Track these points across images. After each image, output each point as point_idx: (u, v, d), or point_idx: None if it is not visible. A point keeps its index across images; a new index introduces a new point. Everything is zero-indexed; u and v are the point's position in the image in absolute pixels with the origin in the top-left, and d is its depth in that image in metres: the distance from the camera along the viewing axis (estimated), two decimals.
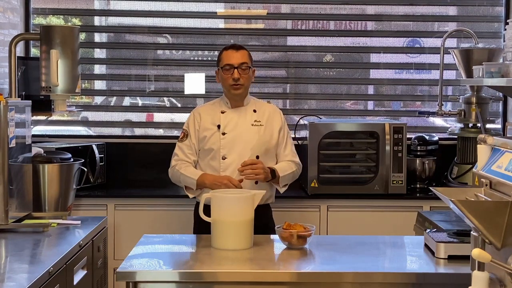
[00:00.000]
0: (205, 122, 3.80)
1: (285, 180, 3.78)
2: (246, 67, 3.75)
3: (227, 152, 3.74)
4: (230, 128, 3.76)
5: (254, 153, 3.73)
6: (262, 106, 3.88)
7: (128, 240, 4.17)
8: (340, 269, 2.86)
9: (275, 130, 3.82)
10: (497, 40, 5.26)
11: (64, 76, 3.60)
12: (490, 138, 2.40)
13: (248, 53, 3.82)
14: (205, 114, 3.83)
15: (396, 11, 5.37)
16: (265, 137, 3.78)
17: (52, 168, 3.86)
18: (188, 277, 2.82)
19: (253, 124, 3.79)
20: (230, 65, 3.72)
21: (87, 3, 5.38)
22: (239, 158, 3.69)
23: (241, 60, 3.73)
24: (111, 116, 5.36)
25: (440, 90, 4.91)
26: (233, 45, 3.82)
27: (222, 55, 3.78)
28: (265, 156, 3.76)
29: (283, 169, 3.76)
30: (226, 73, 3.73)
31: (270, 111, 3.86)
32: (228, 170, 3.71)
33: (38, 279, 2.58)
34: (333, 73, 5.46)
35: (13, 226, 3.38)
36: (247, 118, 3.80)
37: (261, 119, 3.81)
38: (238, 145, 3.73)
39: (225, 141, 3.74)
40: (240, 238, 3.12)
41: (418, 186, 4.93)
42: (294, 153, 3.89)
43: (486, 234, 2.11)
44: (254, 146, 3.75)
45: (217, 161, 3.74)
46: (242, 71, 3.72)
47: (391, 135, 4.69)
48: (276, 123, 3.84)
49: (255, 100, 3.92)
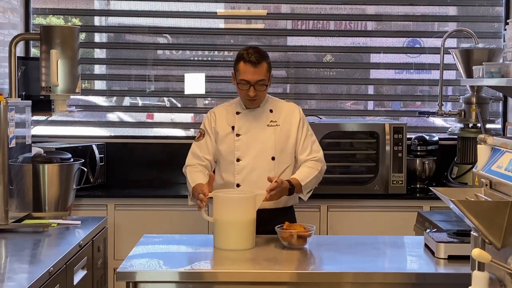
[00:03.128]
0: (220, 123, 3.66)
1: (308, 187, 3.56)
2: (263, 84, 3.52)
3: (241, 154, 3.59)
4: (245, 130, 3.62)
5: (269, 155, 3.59)
6: (280, 105, 3.69)
7: (128, 240, 4.16)
8: (340, 269, 2.86)
9: (292, 129, 3.63)
10: (497, 40, 5.26)
11: (64, 76, 3.61)
12: (490, 138, 2.40)
13: (267, 65, 3.53)
14: (220, 114, 3.69)
15: (396, 11, 5.37)
16: (281, 137, 3.61)
17: (52, 168, 3.86)
18: (188, 277, 2.82)
19: (269, 124, 3.63)
20: (247, 82, 3.51)
21: (87, 3, 5.38)
22: (254, 161, 3.58)
23: (258, 78, 3.49)
24: (111, 116, 5.36)
25: (440, 90, 4.91)
26: (251, 58, 3.48)
27: (239, 66, 3.52)
28: (281, 157, 3.59)
29: (305, 176, 3.53)
30: (241, 87, 3.53)
31: (287, 110, 3.67)
32: (243, 173, 3.58)
33: (38, 279, 2.58)
34: (333, 73, 5.46)
35: (13, 226, 3.38)
36: (262, 119, 3.63)
37: (277, 119, 3.63)
38: (253, 147, 3.59)
39: (239, 143, 3.60)
40: (242, 238, 3.12)
41: (418, 186, 4.93)
42: (314, 150, 3.64)
43: (486, 234, 2.11)
44: (270, 148, 3.60)
45: (231, 163, 3.61)
46: (259, 87, 3.51)
47: (391, 135, 4.69)
48: (294, 121, 3.64)
49: (273, 99, 3.72)
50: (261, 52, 3.54)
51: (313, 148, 3.65)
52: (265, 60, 3.52)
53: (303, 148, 3.63)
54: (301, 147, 3.63)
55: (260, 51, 3.55)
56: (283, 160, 3.58)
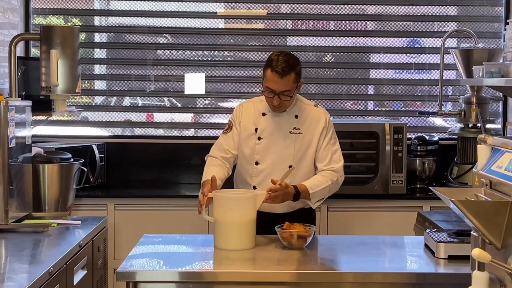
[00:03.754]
0: (245, 120, 3.60)
1: (318, 196, 3.47)
2: (288, 95, 3.43)
3: (260, 158, 3.54)
4: (267, 134, 3.55)
5: (287, 163, 3.50)
6: (307, 111, 3.58)
7: (128, 240, 4.17)
8: (340, 269, 2.87)
9: (314, 138, 3.54)
10: (497, 40, 5.26)
11: (64, 76, 3.60)
12: (490, 138, 2.40)
13: (295, 75, 3.42)
14: (247, 111, 3.61)
15: (396, 11, 5.37)
16: (301, 146, 3.52)
17: (52, 168, 3.86)
18: (188, 277, 2.82)
19: (292, 131, 3.53)
20: (272, 91, 3.42)
21: (87, 3, 5.38)
22: (272, 167, 3.52)
23: (283, 89, 3.40)
24: (111, 116, 5.36)
25: (440, 90, 4.91)
26: (278, 69, 3.37)
27: (266, 73, 3.42)
28: (300, 166, 3.51)
29: (315, 185, 3.45)
30: (267, 94, 3.46)
31: (313, 117, 3.56)
32: (260, 176, 3.54)
33: (38, 279, 2.58)
34: (333, 73, 5.46)
35: (13, 226, 3.38)
36: (286, 125, 3.54)
37: (301, 127, 3.53)
38: (272, 153, 3.53)
39: (259, 147, 3.54)
40: (242, 238, 3.12)
41: (418, 186, 4.93)
42: (334, 160, 3.54)
43: (486, 234, 2.11)
44: (288, 156, 3.52)
45: (250, 165, 3.56)
46: (284, 97, 3.43)
47: (391, 135, 4.69)
48: (317, 130, 3.54)
49: (302, 101, 3.60)
50: (290, 62, 3.42)
51: (333, 158, 3.55)
52: (293, 70, 3.41)
53: (322, 157, 3.54)
54: (320, 155, 3.55)
55: (289, 60, 3.42)
56: (301, 168, 3.53)
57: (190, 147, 5.19)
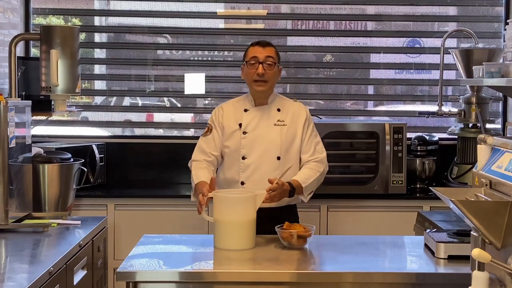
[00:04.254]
0: (227, 119, 3.66)
1: (309, 189, 3.57)
2: (272, 63, 3.60)
3: (247, 152, 3.60)
4: (252, 127, 3.62)
5: (275, 154, 3.59)
6: (287, 105, 3.71)
7: (128, 240, 4.17)
8: (340, 269, 2.86)
9: (298, 130, 3.65)
10: (497, 40, 5.26)
11: (64, 76, 3.60)
12: (490, 138, 2.40)
13: (276, 50, 3.67)
14: (228, 110, 3.69)
15: (396, 11, 5.37)
16: (287, 137, 3.62)
17: (52, 168, 3.86)
18: (188, 277, 2.82)
19: (276, 124, 3.63)
20: (255, 59, 3.58)
21: (87, 3, 5.39)
22: (259, 159, 3.58)
23: (267, 54, 3.59)
24: (111, 116, 5.36)
25: (440, 90, 4.91)
26: (260, 41, 3.68)
27: (248, 51, 3.64)
28: (286, 157, 3.60)
29: (305, 178, 3.54)
30: (250, 68, 3.58)
31: (294, 110, 3.69)
32: (247, 171, 3.59)
33: (38, 279, 2.58)
34: (333, 73, 5.46)
35: (13, 226, 3.38)
36: (270, 118, 3.65)
37: (284, 119, 3.64)
38: (259, 145, 3.60)
39: (245, 141, 3.60)
40: (242, 238, 3.12)
41: (418, 186, 4.92)
42: (317, 151, 3.66)
43: (486, 234, 2.11)
44: (275, 147, 3.60)
45: (236, 161, 3.61)
46: (267, 66, 3.58)
47: (391, 135, 4.69)
48: (300, 121, 3.66)
49: (281, 98, 3.75)
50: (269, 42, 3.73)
51: (317, 149, 3.67)
52: (273, 46, 3.68)
53: (306, 148, 3.64)
54: (304, 147, 3.64)
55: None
56: (288, 160, 3.59)
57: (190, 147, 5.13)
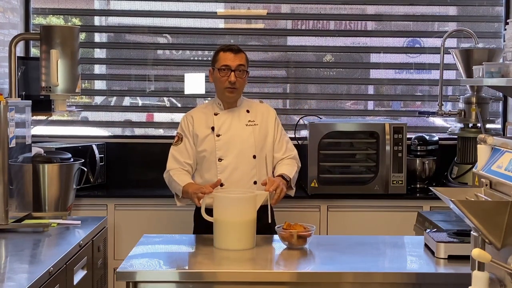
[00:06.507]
0: (198, 125, 3.72)
1: (293, 181, 3.67)
2: (243, 71, 3.66)
3: (223, 154, 3.66)
4: (225, 129, 3.69)
5: (250, 153, 3.68)
6: (255, 106, 3.81)
7: (128, 240, 4.17)
8: (340, 269, 2.86)
9: (269, 129, 3.75)
10: (497, 40, 5.26)
11: (64, 76, 3.61)
12: (490, 138, 2.40)
13: (246, 56, 3.72)
14: (197, 117, 3.75)
15: (396, 11, 5.37)
16: (260, 136, 3.72)
17: (52, 168, 3.86)
18: (188, 277, 2.82)
19: (248, 124, 3.72)
20: (228, 67, 3.62)
21: (87, 3, 5.38)
22: (236, 160, 3.65)
23: (239, 62, 3.64)
24: (111, 116, 5.36)
25: (440, 90, 4.91)
26: (231, 47, 3.69)
27: (219, 56, 3.67)
28: (261, 155, 3.69)
29: (289, 171, 3.64)
30: (222, 74, 3.63)
31: (263, 111, 3.79)
32: (225, 172, 3.64)
33: (38, 279, 2.58)
34: (333, 73, 5.45)
35: (13, 226, 3.38)
36: (241, 119, 3.73)
37: (255, 119, 3.74)
38: (234, 146, 3.67)
39: (220, 143, 3.67)
40: (242, 238, 3.12)
41: (418, 186, 4.92)
42: (289, 149, 3.79)
43: (486, 234, 2.11)
44: (250, 146, 3.69)
45: (213, 163, 3.67)
46: (239, 73, 3.63)
47: (391, 135, 4.69)
48: (270, 121, 3.76)
49: (247, 100, 3.85)
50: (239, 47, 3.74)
51: (288, 147, 3.79)
52: (243, 52, 3.70)
53: (278, 147, 3.77)
54: (276, 146, 3.76)
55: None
56: (263, 158, 3.70)
57: None
